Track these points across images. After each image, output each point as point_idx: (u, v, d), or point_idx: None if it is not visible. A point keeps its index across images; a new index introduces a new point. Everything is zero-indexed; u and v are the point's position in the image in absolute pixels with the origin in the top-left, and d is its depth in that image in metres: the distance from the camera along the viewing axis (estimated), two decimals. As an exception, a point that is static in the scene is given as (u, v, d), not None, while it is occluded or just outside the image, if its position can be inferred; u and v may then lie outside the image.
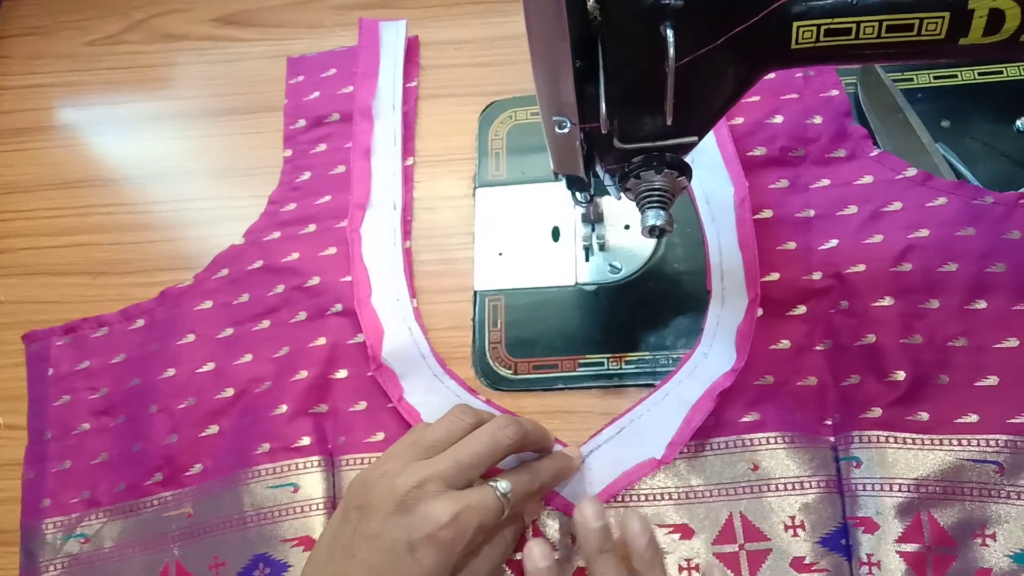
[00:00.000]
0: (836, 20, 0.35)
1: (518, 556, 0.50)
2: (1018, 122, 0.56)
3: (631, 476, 0.51)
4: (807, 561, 0.47)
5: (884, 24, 0.35)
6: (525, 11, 0.34)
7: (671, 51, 0.32)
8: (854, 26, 0.35)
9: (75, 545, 0.56)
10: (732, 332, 0.53)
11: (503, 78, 0.64)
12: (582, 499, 0.48)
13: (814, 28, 0.35)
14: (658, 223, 0.40)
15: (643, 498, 0.50)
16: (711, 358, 0.53)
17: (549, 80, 0.37)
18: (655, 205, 0.40)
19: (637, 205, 0.42)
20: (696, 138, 0.39)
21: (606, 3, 0.34)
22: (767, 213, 0.55)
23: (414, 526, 0.42)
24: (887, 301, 0.51)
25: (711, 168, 0.57)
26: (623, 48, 0.35)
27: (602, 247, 0.58)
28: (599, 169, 0.44)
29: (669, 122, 0.35)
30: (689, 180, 0.41)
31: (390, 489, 0.43)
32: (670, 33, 0.32)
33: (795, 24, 0.35)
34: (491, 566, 0.46)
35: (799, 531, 0.48)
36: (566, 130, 0.40)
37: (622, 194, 0.43)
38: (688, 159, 0.49)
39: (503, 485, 0.45)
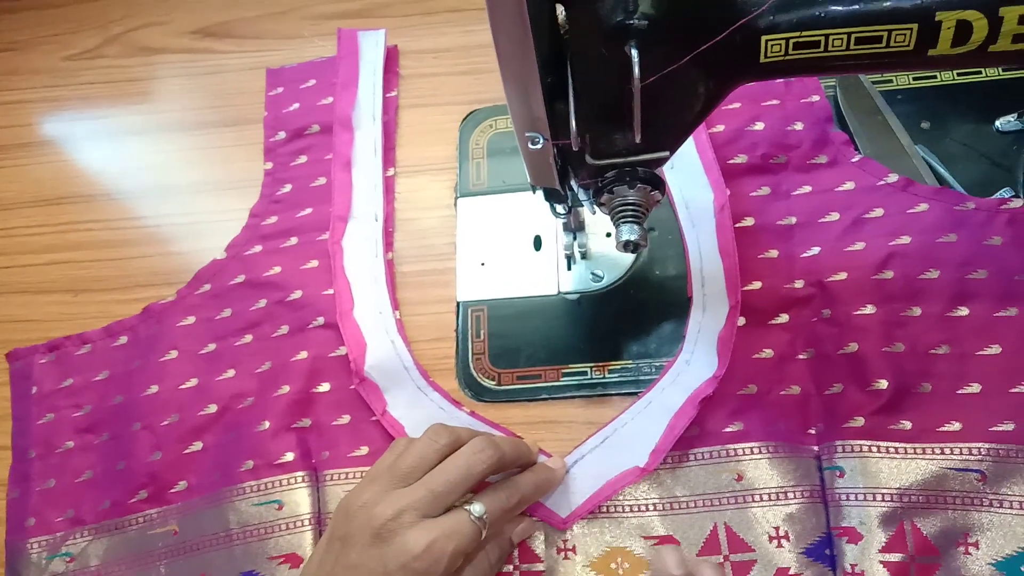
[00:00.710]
0: (804, 33, 0.34)
1: (509, 568, 0.50)
2: (998, 122, 0.55)
3: (615, 485, 0.51)
4: (792, 572, 0.47)
5: (852, 36, 0.34)
6: (492, 30, 0.34)
7: (636, 71, 0.32)
8: (822, 39, 0.34)
9: (60, 564, 0.56)
10: (714, 339, 0.53)
11: (483, 86, 0.64)
12: (663, 548, 0.48)
13: (782, 42, 0.35)
14: (632, 238, 0.40)
15: (628, 509, 0.50)
16: (693, 365, 0.53)
17: (520, 97, 0.37)
18: (629, 220, 0.40)
19: (611, 220, 0.41)
20: (668, 153, 0.38)
21: (572, 22, 0.34)
22: (749, 221, 0.55)
23: (389, 557, 0.42)
24: (869, 309, 0.51)
25: (690, 174, 0.56)
26: (590, 67, 0.35)
27: (584, 255, 0.58)
28: (574, 183, 0.43)
29: (637, 140, 0.35)
30: (663, 194, 0.41)
31: (368, 520, 0.44)
32: (635, 53, 0.32)
33: (763, 38, 0.35)
34: None
35: (783, 541, 0.48)
36: (539, 146, 0.39)
37: (597, 208, 0.43)
38: (667, 165, 0.49)
39: (477, 508, 0.45)
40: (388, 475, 0.46)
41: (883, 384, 0.49)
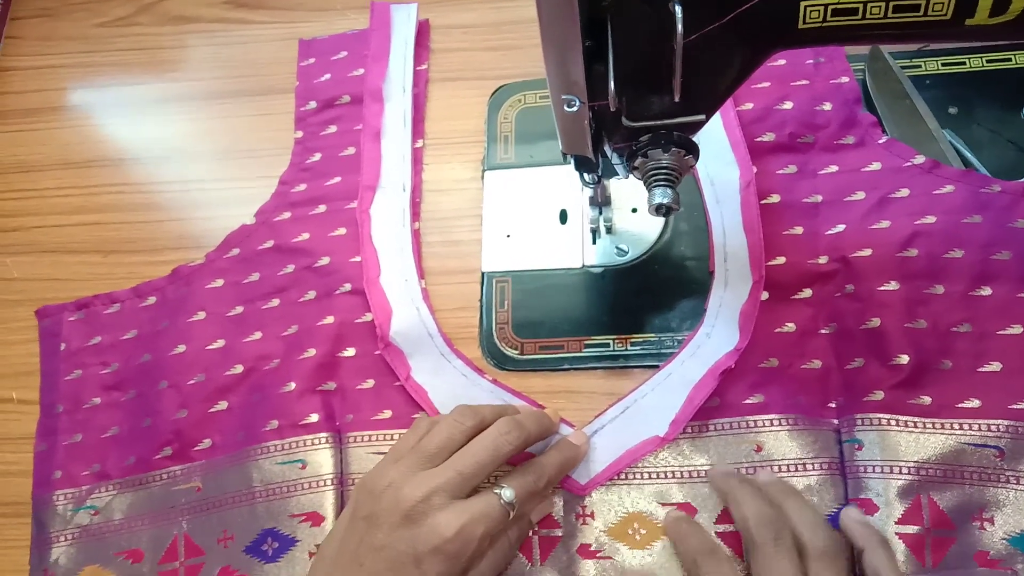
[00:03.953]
0: (843, 0, 0.35)
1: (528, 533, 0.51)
2: (1026, 109, 0.56)
3: (635, 454, 0.51)
4: (807, 541, 0.48)
5: (891, 4, 0.35)
6: (535, -8, 0.34)
7: (679, 28, 0.33)
8: (861, 6, 0.35)
9: (85, 517, 0.56)
10: (735, 313, 0.53)
11: (512, 62, 0.65)
12: (671, 514, 0.50)
13: (821, 8, 0.35)
14: (665, 201, 0.40)
15: (648, 476, 0.51)
16: (713, 338, 0.53)
17: (559, 60, 0.38)
18: (662, 183, 0.41)
19: (644, 184, 0.42)
20: (704, 116, 0.39)
21: (616, -19, 0.34)
22: (775, 198, 0.56)
23: (419, 539, 0.43)
24: (892, 285, 0.51)
25: (717, 152, 0.57)
26: (632, 26, 0.36)
27: (609, 230, 0.58)
28: (607, 148, 0.44)
29: (677, 99, 0.36)
30: (696, 159, 0.41)
31: (396, 502, 0.44)
32: (679, 9, 0.33)
33: (802, 3, 0.35)
34: (495, 569, 0.47)
35: (800, 512, 0.49)
36: (575, 109, 0.40)
37: (630, 173, 0.44)
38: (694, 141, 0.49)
39: (507, 494, 0.45)
40: (415, 456, 0.46)
41: (904, 359, 0.49)
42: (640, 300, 0.56)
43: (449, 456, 0.46)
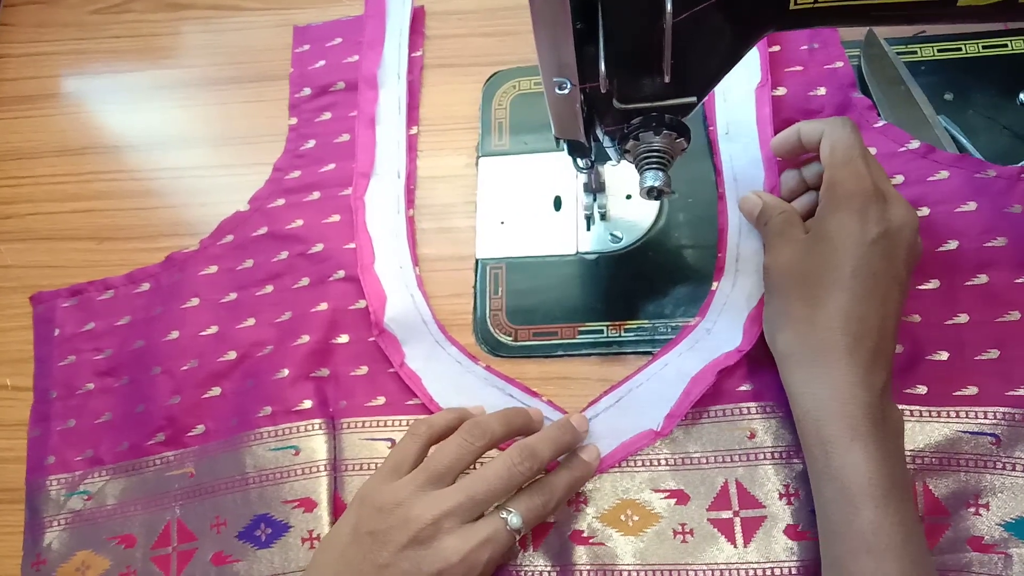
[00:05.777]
0: (835, -20, 0.35)
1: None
2: (1021, 95, 0.56)
3: (629, 447, 0.51)
4: (801, 529, 0.48)
5: (883, -16, 0.35)
6: (526, -27, 0.34)
7: (668, 6, 0.32)
8: (853, -14, 0.35)
9: (78, 502, 0.56)
10: (739, 313, 0.52)
11: (507, 48, 0.64)
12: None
13: (813, -12, 0.35)
14: (656, 184, 0.40)
15: (640, 463, 0.51)
16: (714, 334, 0.53)
17: (550, 42, 0.38)
18: (654, 166, 0.40)
19: (636, 167, 0.42)
20: (695, 99, 0.39)
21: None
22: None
23: (425, 561, 0.43)
24: None
25: (746, 148, 0.55)
26: (622, 6, 0.35)
27: (603, 217, 0.58)
28: (599, 132, 0.44)
29: (667, 79, 0.36)
30: (688, 142, 0.41)
31: (405, 522, 0.44)
32: (668, -12, 0.32)
33: (794, -16, 0.35)
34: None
35: (793, 499, 0.48)
36: (566, 91, 0.40)
37: (622, 157, 0.43)
38: (723, 132, 0.48)
39: (514, 520, 0.45)
40: (423, 474, 0.46)
41: (898, 349, 0.49)
42: (634, 287, 0.56)
43: (457, 476, 0.46)
